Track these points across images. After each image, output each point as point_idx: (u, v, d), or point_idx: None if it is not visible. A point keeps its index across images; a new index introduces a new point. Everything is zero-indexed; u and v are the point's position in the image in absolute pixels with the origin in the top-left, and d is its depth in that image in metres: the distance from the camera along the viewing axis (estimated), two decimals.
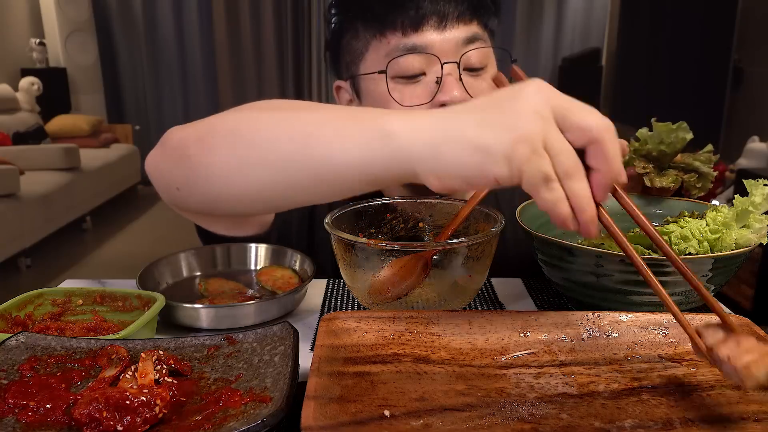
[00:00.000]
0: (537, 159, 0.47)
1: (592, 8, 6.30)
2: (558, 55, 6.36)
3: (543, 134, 0.48)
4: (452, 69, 0.83)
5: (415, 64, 0.84)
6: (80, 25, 5.63)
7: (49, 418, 0.46)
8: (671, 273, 0.62)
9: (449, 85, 0.82)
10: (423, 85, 0.85)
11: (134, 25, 6.26)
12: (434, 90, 0.83)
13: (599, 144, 0.48)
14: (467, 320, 0.58)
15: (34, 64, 5.43)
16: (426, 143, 0.50)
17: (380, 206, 0.80)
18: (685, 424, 0.46)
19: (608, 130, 0.49)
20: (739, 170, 3.32)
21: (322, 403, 0.45)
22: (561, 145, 0.48)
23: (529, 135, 0.47)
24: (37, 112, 5.10)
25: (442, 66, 0.83)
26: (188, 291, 0.81)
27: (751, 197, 0.68)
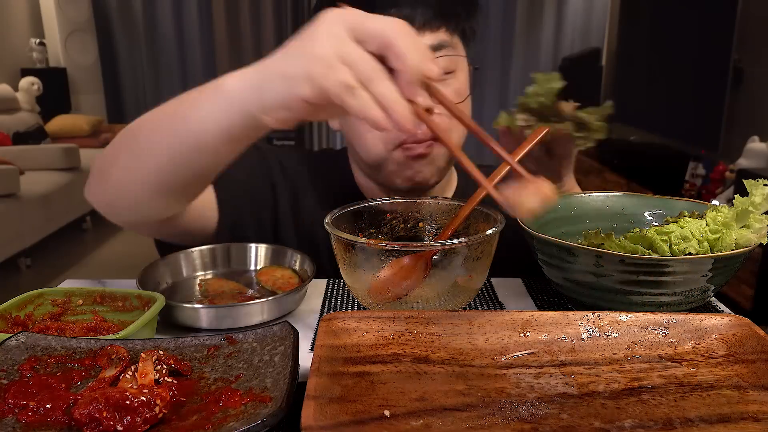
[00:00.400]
0: (333, 72, 0.52)
1: (592, 8, 6.30)
2: (558, 55, 6.36)
3: (336, 50, 0.52)
4: None
5: None
6: (80, 25, 5.63)
7: (49, 418, 0.46)
8: (671, 273, 0.62)
9: None
10: None
11: (134, 25, 6.26)
12: None
13: (392, 45, 0.52)
14: (467, 320, 0.58)
15: (34, 64, 5.43)
16: (251, 86, 0.58)
17: (380, 206, 0.80)
18: (685, 424, 0.46)
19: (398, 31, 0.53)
20: (739, 170, 3.32)
21: (322, 403, 0.45)
22: (356, 55, 0.52)
23: (322, 54, 0.52)
24: (37, 112, 5.10)
25: None
26: (188, 291, 0.81)
27: (751, 197, 0.68)
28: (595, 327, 0.58)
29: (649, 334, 0.57)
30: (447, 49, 0.88)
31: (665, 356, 0.56)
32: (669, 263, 0.62)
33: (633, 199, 0.82)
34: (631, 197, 0.83)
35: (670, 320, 0.57)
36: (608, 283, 0.65)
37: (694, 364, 0.54)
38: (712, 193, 3.68)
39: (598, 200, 0.83)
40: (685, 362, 0.55)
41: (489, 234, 0.66)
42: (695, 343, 0.56)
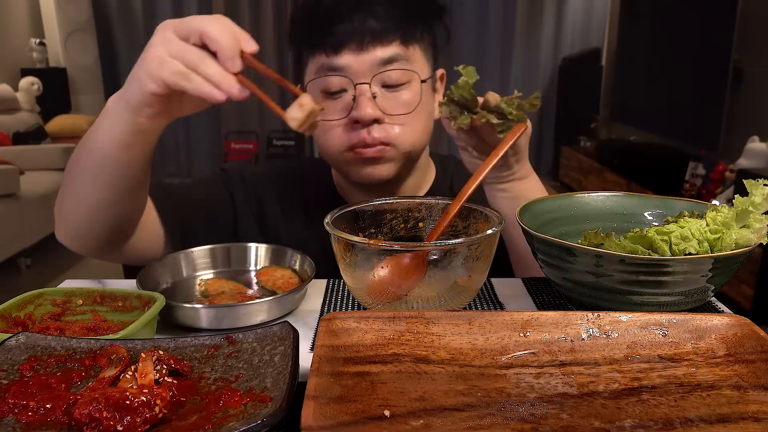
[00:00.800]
0: (166, 65, 0.66)
1: (592, 8, 6.30)
2: (558, 55, 6.36)
3: (166, 49, 0.67)
4: (365, 89, 0.92)
5: (336, 83, 0.93)
6: (80, 25, 5.63)
7: (49, 418, 0.46)
8: (671, 273, 0.62)
9: (362, 104, 0.92)
10: (343, 101, 0.94)
11: (134, 25, 6.25)
12: (351, 106, 0.93)
13: (206, 34, 0.66)
14: (467, 320, 0.58)
15: (34, 64, 5.43)
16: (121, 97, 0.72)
17: (380, 206, 0.80)
18: (685, 424, 0.46)
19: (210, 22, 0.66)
20: (739, 170, 3.32)
21: (322, 403, 0.45)
22: (182, 48, 0.66)
23: (155, 54, 0.67)
24: (37, 112, 5.10)
25: (355, 87, 0.92)
26: (188, 291, 0.81)
27: (751, 197, 0.68)
28: (595, 327, 0.58)
29: (649, 334, 0.57)
30: (398, 63, 0.93)
31: (665, 356, 0.56)
32: (669, 263, 0.62)
33: (633, 199, 0.82)
34: (631, 197, 0.83)
35: (670, 320, 0.57)
36: (608, 283, 0.65)
37: (694, 364, 0.54)
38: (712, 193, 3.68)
39: (598, 200, 0.83)
40: (685, 362, 0.55)
41: (489, 234, 0.66)
42: (695, 343, 0.56)
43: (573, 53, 6.25)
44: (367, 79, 0.93)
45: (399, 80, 0.94)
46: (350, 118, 0.94)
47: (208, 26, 0.66)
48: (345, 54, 0.92)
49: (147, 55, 0.68)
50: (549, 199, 0.81)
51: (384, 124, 0.94)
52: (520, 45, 6.36)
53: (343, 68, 0.92)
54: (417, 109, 0.96)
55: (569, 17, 6.33)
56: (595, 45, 6.23)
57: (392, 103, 0.95)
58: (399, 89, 0.95)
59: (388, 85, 0.94)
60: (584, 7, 6.31)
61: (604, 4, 6.13)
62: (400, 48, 0.94)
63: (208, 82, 0.66)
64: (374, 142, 0.94)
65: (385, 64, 0.93)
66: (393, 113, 0.94)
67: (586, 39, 6.33)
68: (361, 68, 0.92)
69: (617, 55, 5.61)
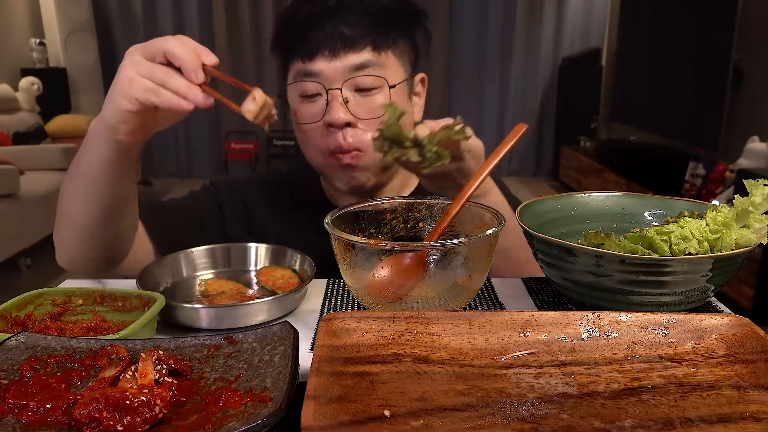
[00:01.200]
0: (136, 83, 0.73)
1: (592, 8, 6.30)
2: (558, 55, 6.36)
3: (135, 69, 0.73)
4: (336, 94, 0.95)
5: (310, 87, 0.97)
6: (80, 25, 5.63)
7: (49, 418, 0.46)
8: (671, 273, 0.62)
9: (334, 108, 0.95)
10: (319, 105, 0.97)
11: (134, 25, 6.25)
12: (325, 110, 0.96)
13: (169, 52, 0.73)
14: (467, 320, 0.58)
15: (34, 64, 5.43)
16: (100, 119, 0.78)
17: (380, 206, 0.80)
18: (685, 424, 0.46)
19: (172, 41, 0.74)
20: (739, 170, 3.32)
21: (322, 403, 0.45)
22: (149, 67, 0.73)
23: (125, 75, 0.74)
24: (37, 112, 5.10)
25: (327, 92, 0.96)
26: (188, 291, 0.81)
27: (751, 197, 0.68)
28: (595, 327, 0.58)
29: (649, 334, 0.57)
30: (371, 68, 0.96)
31: (665, 356, 0.56)
32: (669, 263, 0.62)
33: (633, 199, 0.82)
34: (631, 197, 0.83)
35: (670, 320, 0.57)
36: (608, 283, 0.65)
37: (694, 364, 0.54)
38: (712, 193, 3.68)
39: (598, 200, 0.83)
40: (685, 362, 0.55)
41: (489, 234, 0.66)
42: (695, 343, 0.56)
43: (573, 53, 6.26)
44: (338, 84, 0.96)
45: (371, 85, 0.97)
46: (324, 122, 0.97)
47: (170, 45, 0.73)
48: (318, 60, 0.96)
49: (118, 78, 0.75)
50: (549, 199, 0.81)
51: (357, 130, 0.97)
52: (520, 45, 6.36)
53: (317, 74, 0.96)
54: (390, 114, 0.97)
55: (569, 17, 6.33)
56: (595, 45, 6.23)
57: (364, 108, 0.97)
58: (371, 93, 0.98)
59: (361, 89, 0.97)
60: (584, 7, 6.31)
61: (604, 4, 6.13)
62: (371, 54, 0.97)
63: (176, 95, 0.72)
64: (349, 148, 0.97)
65: (356, 70, 0.96)
66: (364, 117, 0.97)
67: (586, 39, 6.33)
68: (333, 74, 0.96)
69: (617, 55, 5.61)
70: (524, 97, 6.49)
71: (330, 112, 0.96)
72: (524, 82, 6.47)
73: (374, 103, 0.97)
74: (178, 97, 0.72)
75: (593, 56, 6.14)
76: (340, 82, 0.96)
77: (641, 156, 4.71)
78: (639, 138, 5.17)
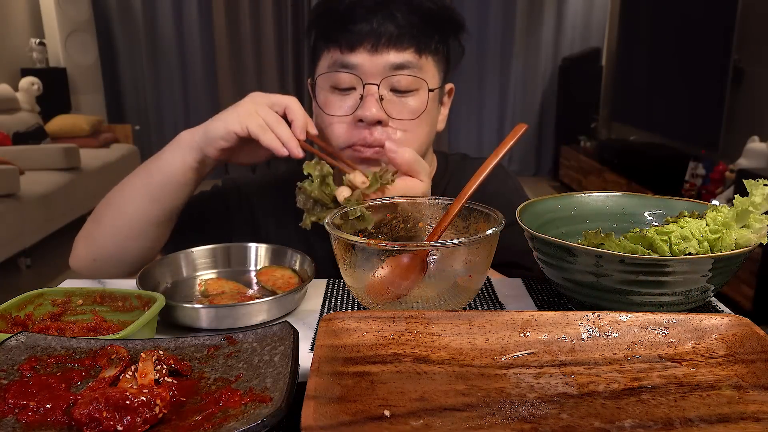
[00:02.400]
0: (254, 117, 0.87)
1: (592, 8, 6.30)
2: (558, 55, 6.36)
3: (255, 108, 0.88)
4: (373, 90, 0.94)
5: (346, 80, 0.96)
6: (80, 25, 5.63)
7: (49, 418, 0.46)
8: (671, 273, 0.62)
9: (368, 103, 0.94)
10: (352, 98, 0.97)
11: (134, 25, 6.25)
12: (357, 105, 0.96)
13: (288, 107, 0.89)
14: (467, 320, 0.58)
15: (34, 64, 5.42)
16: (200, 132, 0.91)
17: (380, 206, 0.80)
18: (685, 424, 0.46)
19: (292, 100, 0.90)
20: (739, 170, 3.32)
21: (322, 403, 0.45)
22: (267, 111, 0.88)
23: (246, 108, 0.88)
24: (37, 112, 5.09)
25: (363, 86, 0.95)
26: (188, 291, 0.81)
27: (751, 197, 0.68)
28: (595, 327, 0.58)
29: (649, 334, 0.57)
30: (410, 70, 0.95)
31: (665, 356, 0.56)
32: (669, 263, 0.62)
33: (633, 199, 0.82)
34: (631, 197, 0.83)
35: (670, 320, 0.57)
36: (608, 283, 0.65)
37: (694, 364, 0.54)
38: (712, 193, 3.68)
39: (598, 200, 0.83)
40: (685, 362, 0.55)
41: (489, 234, 0.66)
42: (695, 343, 0.56)
43: (573, 53, 6.25)
44: (376, 80, 0.94)
45: (408, 86, 0.96)
46: (355, 116, 0.95)
47: (290, 104, 0.89)
48: (359, 53, 0.94)
49: (240, 107, 0.88)
50: (549, 199, 0.81)
51: (386, 128, 0.96)
52: (520, 45, 6.36)
53: (356, 66, 0.94)
54: (421, 117, 0.98)
55: (569, 17, 6.33)
56: (595, 45, 6.23)
57: (398, 108, 0.96)
58: (406, 95, 0.97)
59: (396, 90, 0.96)
60: (584, 7, 6.31)
61: (604, 4, 6.13)
62: (413, 55, 0.95)
63: (278, 140, 0.86)
64: (374, 143, 0.95)
65: (396, 69, 0.94)
66: (397, 117, 0.96)
67: (586, 39, 6.32)
68: (372, 69, 0.94)
69: (617, 55, 5.60)
70: (524, 97, 6.49)
71: (363, 107, 0.94)
72: (524, 82, 6.47)
73: (408, 104, 0.97)
74: (280, 142, 0.86)
75: (593, 56, 6.13)
76: (379, 79, 0.94)
77: (641, 156, 4.70)
78: (639, 138, 5.17)
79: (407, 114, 0.96)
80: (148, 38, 6.27)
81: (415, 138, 0.98)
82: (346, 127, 0.96)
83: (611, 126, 5.92)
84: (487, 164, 0.75)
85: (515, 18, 6.28)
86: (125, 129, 5.75)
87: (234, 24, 6.19)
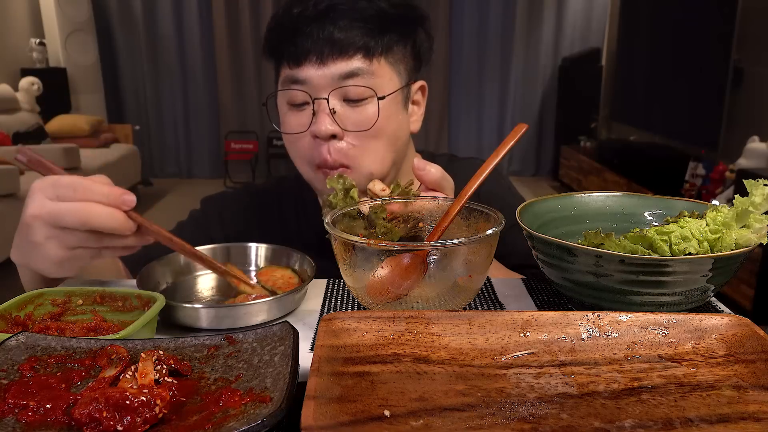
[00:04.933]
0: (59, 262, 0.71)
1: (592, 8, 6.31)
2: (558, 55, 6.37)
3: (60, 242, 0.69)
4: (323, 104, 0.91)
5: (298, 96, 0.93)
6: (80, 25, 5.63)
7: (49, 418, 0.46)
8: (671, 273, 0.62)
9: (320, 119, 0.91)
10: (306, 114, 0.94)
11: (134, 25, 6.26)
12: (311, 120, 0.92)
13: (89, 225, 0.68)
14: (467, 320, 0.58)
15: (34, 64, 5.43)
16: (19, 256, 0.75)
17: (380, 206, 0.80)
18: (685, 424, 0.46)
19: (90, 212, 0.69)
20: (739, 170, 3.32)
21: (322, 403, 0.45)
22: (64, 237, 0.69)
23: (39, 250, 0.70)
24: (37, 112, 5.10)
25: (312, 101, 0.92)
26: (188, 291, 0.81)
27: (751, 197, 0.68)
28: (595, 327, 0.58)
29: (649, 334, 0.57)
30: (361, 77, 0.92)
31: (665, 356, 0.56)
32: (669, 263, 0.62)
33: (633, 199, 0.82)
34: (631, 197, 0.83)
35: (670, 320, 0.57)
36: (608, 283, 0.65)
37: (694, 364, 0.54)
38: (712, 193, 3.68)
39: (598, 200, 0.83)
40: (685, 362, 0.55)
41: (489, 234, 0.66)
42: (695, 343, 0.56)
43: (573, 53, 6.26)
44: (325, 93, 0.91)
45: (360, 95, 0.92)
46: (310, 132, 0.93)
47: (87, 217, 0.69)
48: (306, 67, 0.91)
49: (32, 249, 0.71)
50: (549, 199, 0.81)
51: (344, 144, 0.93)
52: (520, 45, 6.37)
53: (305, 81, 0.92)
54: (380, 124, 0.94)
55: (569, 17, 6.34)
56: (595, 45, 6.23)
57: (352, 119, 0.93)
58: (360, 104, 0.93)
59: (350, 100, 0.93)
60: (584, 7, 6.31)
61: (604, 4, 6.13)
62: (362, 61, 0.92)
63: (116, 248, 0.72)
64: (335, 164, 0.93)
65: (346, 78, 0.91)
66: (351, 129, 0.93)
67: (586, 39, 6.33)
68: (321, 81, 0.91)
69: (617, 55, 5.61)
70: (524, 97, 6.49)
71: (316, 123, 0.91)
72: (524, 82, 6.47)
73: (363, 114, 0.93)
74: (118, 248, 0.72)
75: (593, 56, 6.14)
76: (328, 91, 0.91)
77: (641, 156, 4.71)
78: (639, 138, 5.17)
79: (364, 124, 0.93)
80: (148, 38, 6.27)
81: (373, 152, 0.95)
82: (308, 146, 0.94)
83: (611, 126, 5.92)
84: (487, 164, 0.75)
85: (515, 18, 6.29)
86: (125, 129, 5.76)
87: (234, 24, 6.20)
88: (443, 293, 0.68)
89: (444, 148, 6.21)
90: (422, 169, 0.82)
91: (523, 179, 6.46)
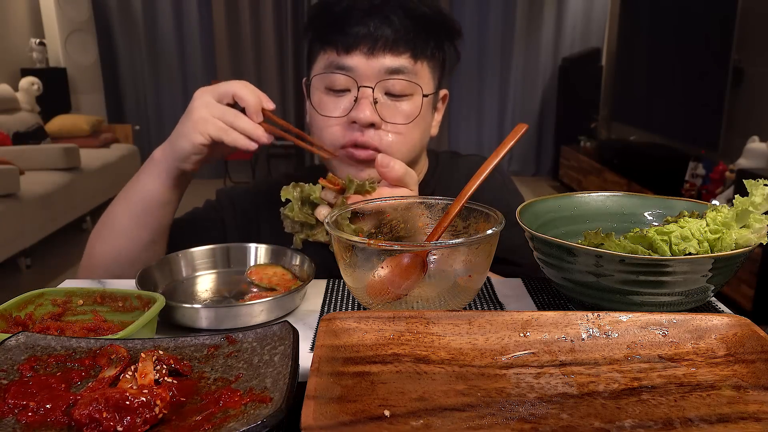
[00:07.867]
0: (210, 123, 0.86)
1: (592, 8, 6.30)
2: (558, 55, 6.36)
3: (208, 111, 0.87)
4: (368, 93, 0.95)
5: (341, 81, 0.97)
6: (80, 25, 5.63)
7: (49, 418, 0.46)
8: (671, 273, 0.62)
9: (362, 106, 0.95)
10: (346, 100, 0.97)
11: (134, 25, 6.26)
12: (351, 106, 0.96)
13: (236, 94, 0.88)
14: (467, 320, 0.58)
15: (34, 64, 5.43)
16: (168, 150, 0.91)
17: (380, 206, 0.80)
18: (685, 424, 0.46)
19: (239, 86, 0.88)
20: (739, 170, 3.32)
21: (322, 403, 0.45)
22: (220, 109, 0.87)
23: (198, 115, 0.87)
24: (37, 112, 5.10)
25: (358, 88, 0.95)
26: (188, 291, 0.81)
27: (751, 197, 0.68)
28: (595, 327, 0.58)
29: (649, 334, 0.57)
30: (405, 75, 0.96)
31: (665, 356, 0.56)
32: (669, 263, 0.62)
33: (633, 199, 0.82)
34: (631, 197, 0.83)
35: (670, 320, 0.57)
36: (608, 283, 0.65)
37: (694, 364, 0.54)
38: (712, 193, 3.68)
39: (598, 200, 0.83)
40: (685, 362, 0.55)
41: (489, 234, 0.66)
42: (695, 343, 0.56)
43: (573, 53, 6.26)
44: (371, 83, 0.95)
45: (402, 91, 0.96)
46: (349, 118, 0.96)
47: (238, 90, 0.88)
48: (355, 55, 0.95)
49: (193, 115, 0.87)
50: (549, 199, 0.81)
51: (380, 131, 0.96)
52: (520, 45, 6.36)
53: (351, 69, 0.95)
54: (415, 121, 0.98)
55: (569, 17, 6.33)
56: (595, 45, 6.23)
57: (392, 112, 0.97)
58: (401, 99, 0.97)
59: (390, 94, 0.96)
60: (584, 7, 6.31)
61: (604, 4, 6.13)
62: (408, 60, 0.96)
63: (243, 135, 0.86)
64: (367, 146, 0.96)
65: (391, 73, 0.95)
66: (391, 121, 0.96)
67: (586, 39, 6.33)
68: (367, 72, 0.95)
69: (617, 55, 5.60)
70: (524, 97, 6.49)
71: (357, 110, 0.95)
72: (524, 82, 6.47)
73: (402, 108, 0.97)
74: (245, 137, 0.86)
75: (593, 56, 6.14)
76: (374, 82, 0.95)
77: (641, 156, 4.71)
78: (639, 138, 5.17)
79: (401, 118, 0.97)
80: (148, 38, 6.27)
81: (407, 142, 0.99)
82: (340, 129, 0.97)
83: (611, 126, 5.92)
84: (487, 164, 0.75)
85: (515, 18, 6.29)
86: (125, 129, 5.76)
87: (234, 24, 6.19)
88: (443, 293, 0.68)
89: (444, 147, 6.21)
90: (386, 166, 0.86)
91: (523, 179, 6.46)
